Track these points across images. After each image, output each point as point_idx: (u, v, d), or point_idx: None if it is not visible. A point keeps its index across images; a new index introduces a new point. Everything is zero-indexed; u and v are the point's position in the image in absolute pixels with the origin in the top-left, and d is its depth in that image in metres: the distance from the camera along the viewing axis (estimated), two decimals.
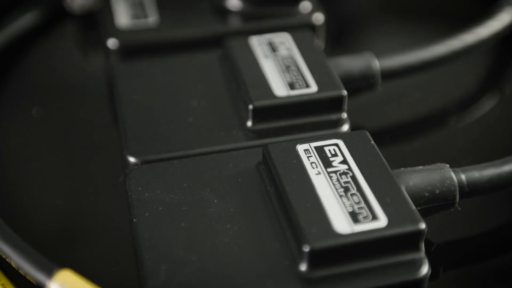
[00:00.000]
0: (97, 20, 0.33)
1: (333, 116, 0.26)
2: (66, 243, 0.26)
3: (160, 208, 0.23)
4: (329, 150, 0.24)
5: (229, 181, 0.24)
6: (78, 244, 0.26)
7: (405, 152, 0.29)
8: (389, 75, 0.29)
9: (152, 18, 0.31)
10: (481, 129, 0.30)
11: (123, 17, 0.31)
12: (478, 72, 0.33)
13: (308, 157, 0.23)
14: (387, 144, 0.29)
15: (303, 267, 0.21)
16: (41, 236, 0.26)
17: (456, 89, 0.31)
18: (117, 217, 0.26)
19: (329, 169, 0.23)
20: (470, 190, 0.24)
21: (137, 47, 0.30)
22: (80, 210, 0.27)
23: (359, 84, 0.28)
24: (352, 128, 0.27)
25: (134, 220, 0.23)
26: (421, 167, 0.24)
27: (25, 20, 0.35)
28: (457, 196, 0.23)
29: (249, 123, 0.26)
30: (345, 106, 0.26)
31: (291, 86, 0.26)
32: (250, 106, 0.26)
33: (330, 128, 0.26)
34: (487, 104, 0.31)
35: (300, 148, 0.24)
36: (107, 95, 0.31)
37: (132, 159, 0.25)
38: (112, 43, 0.30)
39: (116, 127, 0.28)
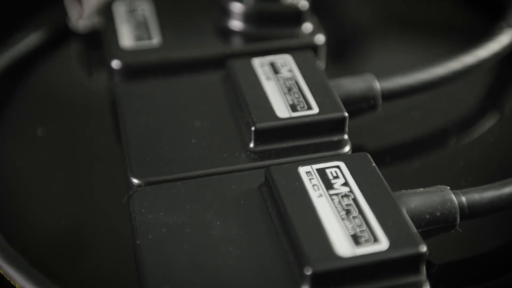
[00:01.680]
0: (102, 40, 0.33)
1: (334, 138, 0.26)
2: (70, 263, 0.25)
3: (163, 230, 0.23)
4: (331, 172, 0.24)
5: (231, 203, 0.24)
6: (82, 264, 0.25)
7: (405, 172, 0.28)
8: (389, 96, 0.28)
9: (155, 39, 0.31)
10: (480, 149, 0.29)
11: (126, 38, 0.31)
12: (477, 92, 0.32)
13: (310, 179, 0.23)
14: (387, 164, 0.29)
15: None
16: (45, 256, 0.26)
17: (455, 109, 0.31)
18: (120, 238, 0.26)
19: (331, 192, 0.23)
20: (470, 212, 0.23)
21: (140, 68, 0.30)
22: (84, 230, 0.27)
23: (360, 105, 0.28)
24: (353, 148, 0.26)
25: (137, 242, 0.22)
26: (422, 189, 0.23)
27: (30, 40, 0.35)
28: (458, 218, 0.23)
29: (251, 145, 0.26)
30: (346, 128, 0.26)
31: (293, 108, 0.26)
32: (253, 128, 0.26)
33: (331, 150, 0.26)
34: (487, 124, 0.31)
35: (302, 170, 0.24)
36: (111, 114, 0.31)
37: (135, 181, 0.25)
38: (115, 64, 0.30)
39: (120, 147, 0.28)
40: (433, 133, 0.30)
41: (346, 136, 0.26)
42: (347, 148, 0.26)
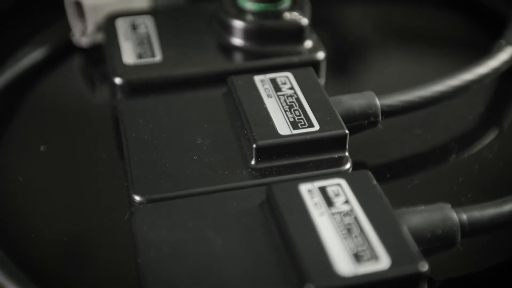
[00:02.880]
0: (105, 55, 0.32)
1: (335, 155, 0.26)
2: (72, 279, 0.25)
3: (165, 248, 0.22)
4: (332, 191, 0.23)
5: (233, 220, 0.23)
6: (85, 280, 0.25)
7: (405, 188, 0.28)
8: (389, 113, 0.28)
9: (157, 56, 0.30)
10: (480, 165, 0.29)
11: (129, 55, 0.31)
12: (477, 108, 0.32)
13: (311, 197, 0.23)
14: (387, 180, 0.28)
15: None
16: (47, 271, 0.25)
17: (454, 125, 0.31)
18: (123, 255, 0.25)
19: (333, 210, 0.22)
20: (471, 230, 0.23)
21: (143, 85, 0.29)
22: (86, 246, 0.26)
23: (360, 122, 0.28)
24: (353, 164, 0.26)
25: (139, 260, 0.22)
26: (423, 207, 0.23)
27: (34, 55, 0.35)
28: (459, 236, 0.23)
29: (253, 162, 0.25)
30: (347, 145, 0.26)
31: (294, 125, 0.26)
32: (254, 145, 0.25)
33: (332, 167, 0.26)
34: (486, 140, 0.30)
35: (304, 188, 0.23)
36: (114, 130, 0.31)
37: (137, 198, 0.24)
38: (118, 80, 0.29)
39: (122, 163, 0.27)
40: (433, 149, 0.30)
41: (346, 153, 0.26)
42: (347, 165, 0.26)
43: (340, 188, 0.23)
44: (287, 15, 0.31)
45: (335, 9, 0.42)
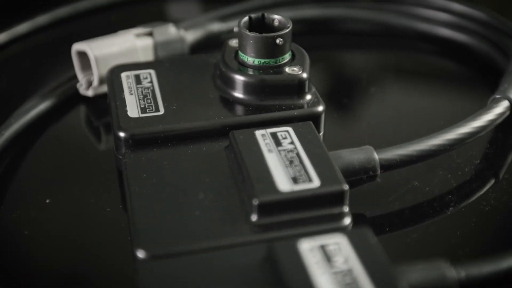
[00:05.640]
0: (109, 108, 0.32)
1: (336, 210, 0.26)
2: None
3: None
4: (334, 249, 0.23)
5: (235, 279, 0.23)
6: None
7: (404, 242, 0.28)
8: (387, 167, 0.28)
9: (161, 110, 0.30)
10: (477, 218, 0.29)
11: (133, 109, 0.30)
12: (473, 159, 0.32)
13: (312, 256, 0.23)
14: (386, 233, 0.28)
15: None
16: None
17: (452, 177, 0.31)
18: None
19: (334, 269, 0.22)
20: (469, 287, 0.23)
21: (147, 139, 0.29)
22: None
23: (359, 176, 0.27)
24: (352, 216, 0.26)
25: None
26: (422, 265, 0.23)
27: (40, 107, 0.35)
28: None
29: (254, 218, 0.25)
30: (347, 200, 0.26)
31: (295, 180, 0.26)
32: (255, 202, 0.25)
33: (332, 222, 0.25)
34: (482, 192, 0.30)
35: (305, 246, 0.23)
36: (118, 182, 0.30)
37: (140, 254, 0.24)
38: (123, 135, 0.29)
39: (126, 215, 0.27)
40: (431, 201, 0.29)
41: (346, 209, 0.26)
42: (348, 220, 0.26)
43: (340, 246, 0.23)
44: (287, 70, 0.31)
45: (331, 56, 0.42)
